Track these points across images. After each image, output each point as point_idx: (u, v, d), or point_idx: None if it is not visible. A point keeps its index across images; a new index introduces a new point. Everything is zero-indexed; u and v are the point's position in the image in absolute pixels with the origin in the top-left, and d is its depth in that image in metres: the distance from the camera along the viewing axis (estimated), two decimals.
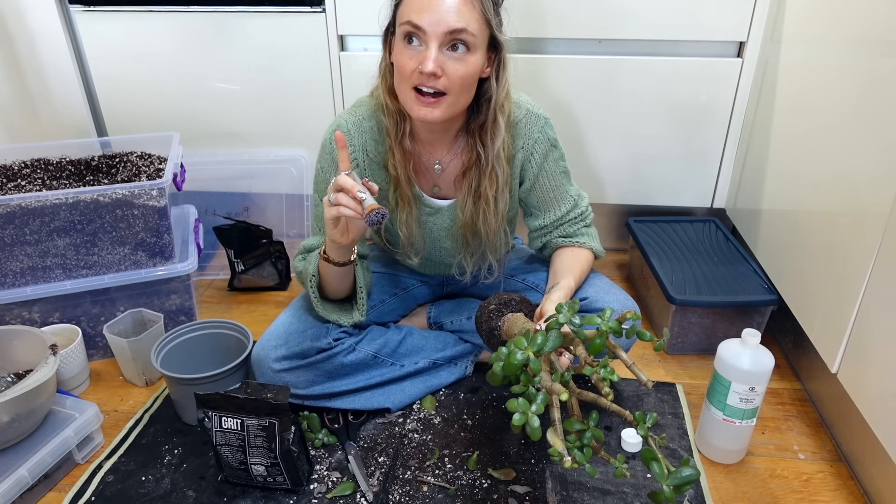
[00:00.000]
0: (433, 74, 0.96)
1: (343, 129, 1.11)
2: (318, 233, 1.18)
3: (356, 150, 1.12)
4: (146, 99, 1.72)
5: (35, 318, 1.32)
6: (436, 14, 0.94)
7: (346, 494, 1.05)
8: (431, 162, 1.16)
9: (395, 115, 1.08)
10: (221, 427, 1.00)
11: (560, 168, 1.20)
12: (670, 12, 1.48)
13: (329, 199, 0.96)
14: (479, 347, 1.33)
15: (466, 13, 0.95)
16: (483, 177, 1.11)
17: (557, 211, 1.21)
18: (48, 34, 1.64)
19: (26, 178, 1.38)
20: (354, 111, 1.13)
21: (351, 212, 0.93)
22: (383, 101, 1.08)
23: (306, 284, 1.13)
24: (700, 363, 1.38)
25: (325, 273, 1.09)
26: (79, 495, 1.06)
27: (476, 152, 1.10)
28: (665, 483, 0.78)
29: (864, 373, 1.02)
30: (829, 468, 1.12)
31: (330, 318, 1.15)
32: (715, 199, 1.70)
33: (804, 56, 1.29)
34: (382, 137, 1.12)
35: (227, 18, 1.60)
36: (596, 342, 0.84)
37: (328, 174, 1.13)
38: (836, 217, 1.11)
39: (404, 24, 0.96)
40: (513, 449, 1.14)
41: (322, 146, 1.14)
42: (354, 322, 1.15)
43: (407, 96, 1.01)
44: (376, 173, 1.15)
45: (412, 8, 0.96)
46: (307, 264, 1.13)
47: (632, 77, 1.57)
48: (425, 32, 0.95)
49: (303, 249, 1.18)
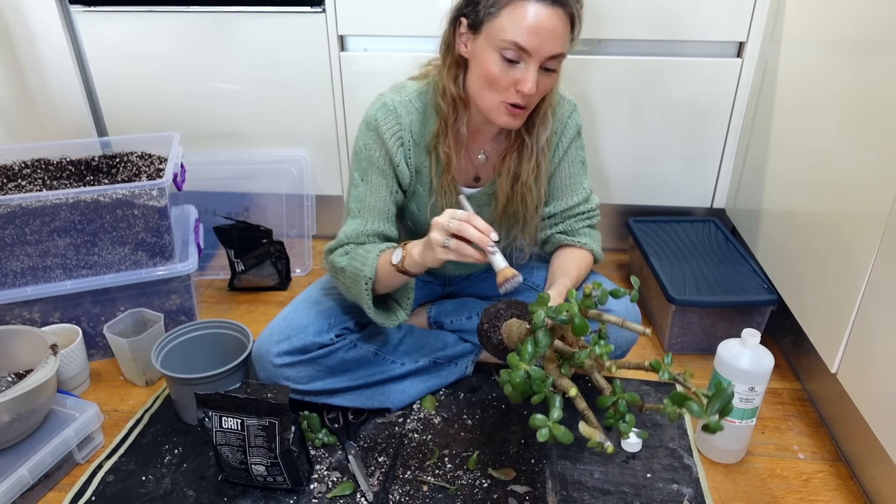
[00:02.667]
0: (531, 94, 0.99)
1: (389, 106, 1.09)
2: (356, 215, 1.12)
3: (403, 129, 1.10)
4: (146, 99, 1.73)
5: (35, 318, 1.32)
6: (542, 39, 0.95)
7: (346, 494, 1.05)
8: (475, 150, 1.16)
9: (455, 102, 1.08)
10: (221, 427, 1.00)
11: (580, 157, 1.22)
12: (670, 12, 1.48)
13: (446, 242, 0.92)
14: (480, 347, 1.33)
15: (564, 36, 0.98)
16: (524, 162, 1.13)
17: (569, 200, 1.22)
18: (48, 34, 1.64)
19: (27, 178, 1.38)
20: (399, 91, 1.12)
21: (473, 260, 0.92)
22: (444, 85, 1.07)
23: (359, 286, 1.06)
24: (700, 363, 1.38)
25: (390, 279, 1.06)
26: (79, 495, 1.06)
27: (521, 139, 1.12)
28: (706, 417, 0.77)
29: (864, 373, 1.02)
30: (829, 468, 1.12)
31: (378, 320, 1.11)
32: (715, 199, 1.70)
33: (804, 56, 1.29)
34: (427, 121, 1.12)
35: (227, 18, 1.60)
36: (576, 323, 0.84)
37: (372, 152, 1.10)
38: (835, 217, 1.11)
39: (508, 43, 0.96)
40: (513, 449, 1.14)
41: (366, 122, 1.11)
42: (399, 323, 1.13)
43: (494, 104, 1.02)
44: (419, 155, 1.14)
45: (518, 29, 0.95)
46: (357, 263, 1.07)
47: (632, 77, 1.57)
48: (530, 55, 0.96)
49: (342, 241, 1.12)
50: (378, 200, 1.12)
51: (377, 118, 1.09)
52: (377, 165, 1.11)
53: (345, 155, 1.75)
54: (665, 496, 1.05)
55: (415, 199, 1.18)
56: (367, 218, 1.12)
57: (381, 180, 1.12)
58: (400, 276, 1.04)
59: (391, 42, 1.61)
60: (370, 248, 1.08)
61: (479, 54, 1.01)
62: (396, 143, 1.09)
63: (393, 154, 1.10)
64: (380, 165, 1.11)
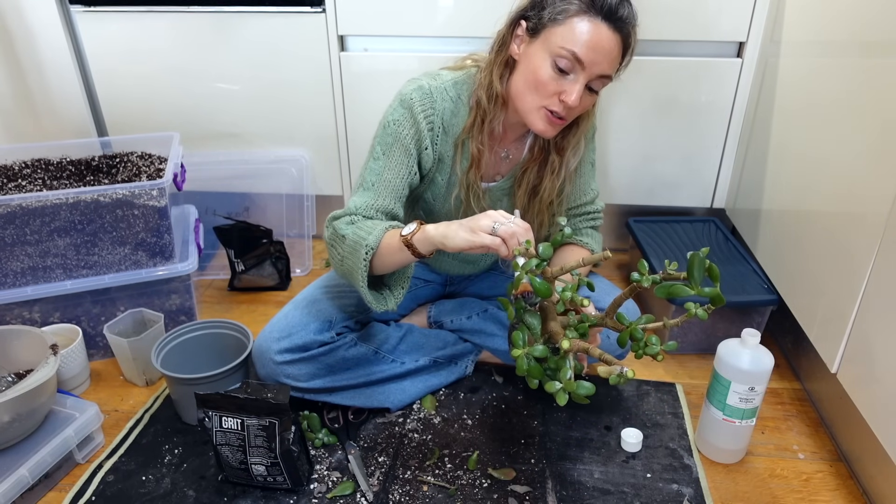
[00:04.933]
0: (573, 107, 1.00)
1: (426, 90, 1.09)
2: (369, 188, 1.09)
3: (436, 114, 1.10)
4: (146, 99, 1.73)
5: (35, 317, 1.32)
6: (598, 55, 0.98)
7: (346, 494, 1.05)
8: (501, 149, 1.18)
9: (496, 100, 1.09)
10: (222, 427, 1.00)
11: (591, 159, 1.24)
12: (670, 12, 1.48)
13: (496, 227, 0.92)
14: (480, 347, 1.33)
15: (616, 60, 1.01)
16: (545, 179, 1.16)
17: (576, 199, 1.23)
18: (48, 34, 1.64)
19: (27, 178, 1.38)
20: (434, 78, 1.12)
21: (504, 252, 0.92)
22: (491, 81, 1.08)
23: (358, 255, 1.02)
24: (700, 363, 1.38)
25: (390, 255, 1.02)
26: (79, 495, 1.06)
27: (544, 155, 1.15)
28: (699, 290, 0.78)
29: (864, 373, 1.02)
30: (829, 468, 1.12)
31: (367, 298, 1.06)
32: (715, 199, 1.70)
33: (804, 56, 1.29)
34: (458, 111, 1.12)
35: (227, 18, 1.60)
36: (536, 286, 0.86)
37: (401, 128, 1.08)
38: (835, 217, 1.11)
39: (565, 51, 0.97)
40: (513, 449, 1.14)
41: (401, 100, 1.09)
42: (388, 308, 1.09)
43: (534, 107, 1.03)
44: (445, 144, 1.14)
45: (580, 40, 0.97)
46: (361, 233, 1.03)
47: (632, 77, 1.56)
48: (583, 68, 0.98)
49: (351, 210, 1.08)
50: (395, 177, 1.10)
51: (413, 97, 1.09)
52: (403, 143, 1.09)
53: (345, 155, 1.75)
54: (665, 496, 1.05)
55: (431, 188, 1.18)
56: (380, 193, 1.09)
57: (402, 158, 1.10)
58: (402, 253, 1.00)
59: (391, 42, 1.61)
60: (377, 223, 1.05)
61: (531, 57, 1.02)
62: (427, 127, 1.09)
63: (423, 136, 1.09)
64: (405, 144, 1.09)
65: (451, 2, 1.52)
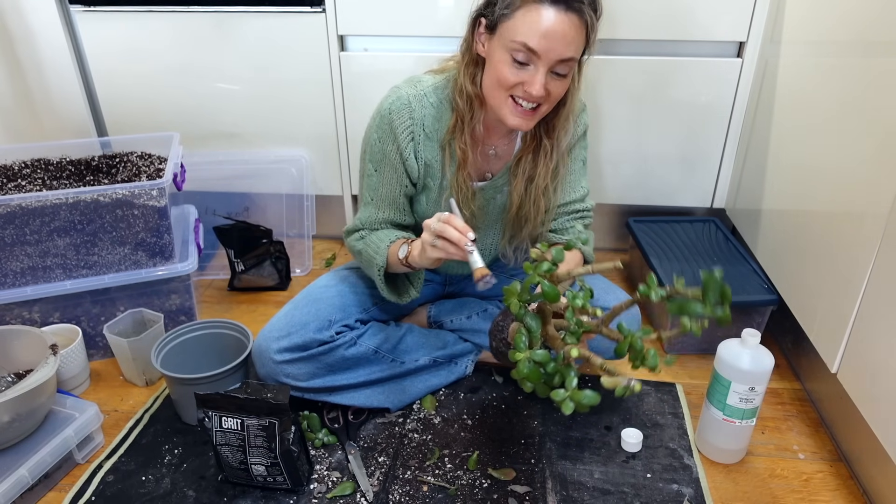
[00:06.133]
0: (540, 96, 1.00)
1: (404, 100, 1.10)
2: (369, 203, 1.18)
3: (415, 124, 1.11)
4: (146, 99, 1.72)
5: (35, 318, 1.32)
6: (552, 42, 0.96)
7: (346, 494, 1.05)
8: (487, 147, 1.18)
9: (472, 101, 1.09)
10: (221, 427, 1.00)
11: (582, 156, 1.23)
12: (670, 12, 1.48)
13: (433, 242, 0.97)
14: (480, 347, 1.33)
15: (576, 40, 0.98)
16: (539, 164, 1.15)
17: (565, 197, 1.23)
18: (48, 34, 1.64)
19: (26, 178, 1.38)
20: (415, 85, 1.13)
21: (457, 257, 0.96)
22: (462, 84, 1.08)
23: (372, 271, 1.14)
24: (700, 363, 1.38)
25: (398, 268, 1.11)
26: (79, 495, 1.06)
27: (536, 141, 1.14)
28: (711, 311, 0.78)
29: (864, 373, 1.02)
30: (829, 468, 1.12)
31: (391, 299, 1.17)
32: (715, 199, 1.70)
33: (804, 56, 1.29)
34: (442, 115, 1.12)
35: (227, 18, 1.60)
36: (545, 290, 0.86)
37: (385, 145, 1.13)
38: (835, 217, 1.11)
39: (517, 44, 0.97)
40: (513, 449, 1.14)
41: (380, 115, 1.12)
42: (411, 298, 1.18)
43: (502, 103, 1.03)
44: (430, 150, 1.14)
45: (529, 31, 0.96)
46: (370, 251, 1.14)
47: (632, 77, 1.57)
48: (539, 58, 0.97)
49: (357, 226, 1.19)
50: (389, 191, 1.16)
51: (390, 110, 1.11)
52: (389, 159, 1.13)
53: (345, 155, 1.75)
54: (665, 496, 1.05)
55: (425, 193, 1.19)
56: (380, 206, 1.17)
57: (392, 174, 1.15)
58: (407, 267, 1.09)
59: (391, 42, 1.61)
60: (382, 237, 1.13)
61: (492, 54, 1.02)
62: (407, 137, 1.11)
63: (403, 149, 1.12)
64: (391, 159, 1.13)
65: (450, 2, 1.52)
